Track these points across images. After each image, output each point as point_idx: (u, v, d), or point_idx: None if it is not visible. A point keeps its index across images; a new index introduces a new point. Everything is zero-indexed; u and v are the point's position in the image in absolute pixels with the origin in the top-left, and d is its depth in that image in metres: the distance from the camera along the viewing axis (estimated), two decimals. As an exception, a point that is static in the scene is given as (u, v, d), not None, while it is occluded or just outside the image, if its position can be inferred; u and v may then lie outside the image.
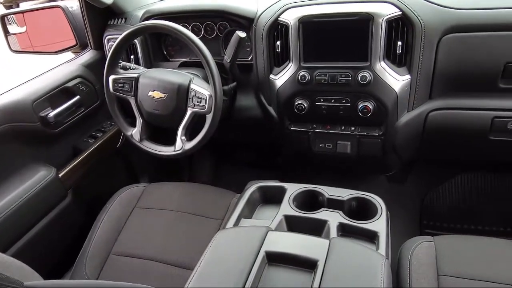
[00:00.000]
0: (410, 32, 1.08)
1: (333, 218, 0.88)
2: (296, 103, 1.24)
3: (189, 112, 1.14)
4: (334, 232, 0.84)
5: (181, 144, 1.17)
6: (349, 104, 1.19)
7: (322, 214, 0.90)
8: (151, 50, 1.43)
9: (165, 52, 1.48)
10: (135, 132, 1.25)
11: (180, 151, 1.18)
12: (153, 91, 1.15)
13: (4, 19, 1.50)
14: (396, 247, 0.96)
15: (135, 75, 1.20)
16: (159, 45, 1.46)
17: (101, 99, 1.46)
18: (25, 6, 2.51)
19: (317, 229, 0.87)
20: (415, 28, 1.07)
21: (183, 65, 1.40)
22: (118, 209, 1.24)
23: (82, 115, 1.41)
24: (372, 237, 0.85)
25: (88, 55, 1.50)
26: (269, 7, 1.22)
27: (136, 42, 1.39)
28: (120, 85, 1.21)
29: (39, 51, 1.58)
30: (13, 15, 1.53)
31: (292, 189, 0.98)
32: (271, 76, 1.26)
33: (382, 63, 1.11)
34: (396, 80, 1.12)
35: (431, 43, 1.07)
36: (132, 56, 1.42)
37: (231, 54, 1.19)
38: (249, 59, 1.34)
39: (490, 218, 1.57)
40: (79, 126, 1.43)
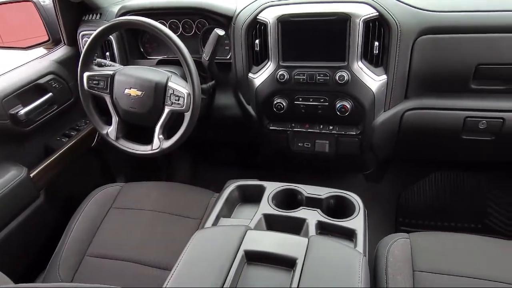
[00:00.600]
0: (386, 33, 1.10)
1: (312, 217, 0.88)
2: (275, 102, 1.24)
3: (166, 110, 1.12)
4: (312, 230, 0.85)
5: (159, 143, 1.15)
6: (327, 103, 1.20)
7: (301, 213, 0.90)
8: (127, 47, 1.40)
9: (142, 49, 1.45)
10: (110, 131, 1.22)
11: (158, 150, 1.16)
12: (130, 88, 1.13)
13: (-29, 13, 1.44)
14: (373, 244, 0.98)
15: (110, 72, 1.17)
16: (136, 42, 1.44)
17: (75, 96, 1.43)
18: (-6, -1, 2.41)
19: (296, 227, 0.87)
20: (391, 29, 1.09)
21: (161, 63, 1.38)
22: (93, 209, 1.21)
23: (55, 113, 1.37)
24: (350, 235, 0.86)
25: (61, 51, 1.46)
26: (248, 5, 1.22)
27: (111, 39, 1.35)
28: (95, 82, 1.18)
29: (9, 46, 1.52)
30: (-19, 9, 1.47)
31: (271, 187, 0.98)
32: (250, 75, 1.25)
33: (360, 63, 1.13)
34: (373, 80, 1.14)
35: (406, 44, 1.10)
36: (108, 53, 1.39)
37: (209, 52, 1.18)
38: (227, 57, 1.34)
39: (462, 215, 1.62)
40: (52, 124, 1.39)
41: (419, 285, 0.87)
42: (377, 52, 1.12)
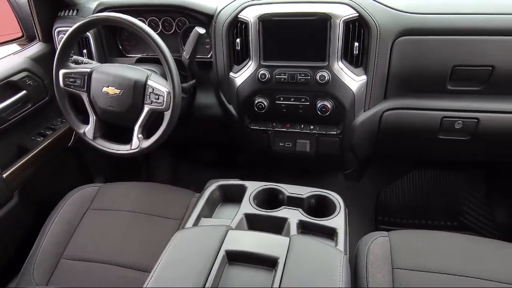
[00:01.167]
0: (366, 33, 1.12)
1: (293, 216, 0.88)
2: (256, 101, 1.23)
3: (146, 109, 1.11)
4: (294, 230, 0.85)
5: (138, 142, 1.13)
6: (308, 103, 1.21)
7: (282, 212, 0.90)
8: (105, 45, 1.37)
9: (120, 47, 1.42)
10: (88, 130, 1.19)
11: (137, 149, 1.14)
12: (108, 86, 1.11)
13: None
14: (354, 243, 0.99)
15: (87, 69, 1.14)
16: (114, 40, 1.41)
17: (50, 94, 1.38)
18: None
19: (278, 227, 0.87)
20: (370, 30, 1.10)
21: (140, 61, 1.36)
22: (70, 210, 1.18)
23: (29, 111, 1.32)
24: (331, 234, 0.86)
25: (35, 47, 1.42)
26: (228, 4, 1.21)
27: (89, 36, 1.33)
28: (71, 80, 1.15)
29: (-20, 42, 1.47)
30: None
31: (253, 187, 0.98)
32: (231, 74, 1.25)
33: (340, 63, 1.14)
34: (353, 80, 1.15)
35: (385, 45, 1.11)
36: (85, 50, 1.36)
37: (189, 50, 1.17)
38: (208, 56, 1.33)
39: (439, 213, 1.66)
40: (26, 123, 1.35)
41: (398, 282, 0.88)
42: (357, 52, 1.13)
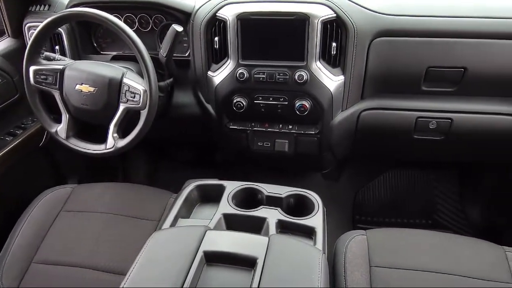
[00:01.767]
0: (343, 34, 1.13)
1: (272, 215, 0.88)
2: (235, 101, 1.23)
3: (121, 107, 1.08)
4: (273, 229, 0.85)
5: (113, 142, 1.11)
6: (287, 103, 1.21)
7: (261, 212, 0.90)
8: (79, 41, 1.33)
9: (95, 44, 1.39)
10: (60, 129, 1.16)
11: (112, 149, 1.12)
12: (81, 84, 1.08)
13: None
14: (332, 242, 0.99)
15: (60, 66, 1.11)
16: (89, 36, 1.37)
17: (20, 92, 1.33)
18: None
19: (256, 226, 0.87)
20: (348, 31, 1.11)
21: (115, 59, 1.33)
22: (41, 212, 1.14)
23: (-3, 110, 1.27)
24: (309, 233, 0.86)
25: (4, 43, 1.36)
26: (207, 1, 1.20)
27: (61, 31, 1.28)
28: (42, 77, 1.11)
29: None
30: None
31: (231, 187, 0.97)
32: (209, 73, 1.23)
33: (318, 63, 1.14)
34: (331, 80, 1.16)
35: (362, 45, 1.13)
36: (57, 47, 1.31)
37: (167, 48, 1.15)
38: (186, 54, 1.31)
39: (414, 211, 1.70)
40: (-6, 122, 1.29)
41: (375, 280, 0.90)
42: (334, 52, 1.14)
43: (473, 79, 1.12)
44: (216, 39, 1.18)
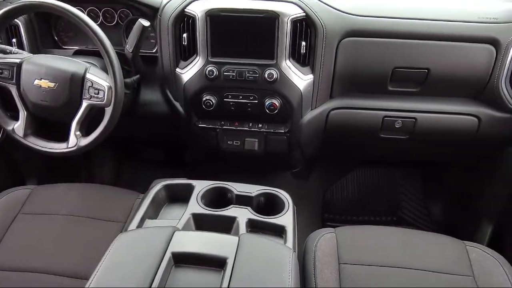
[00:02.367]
0: (313, 33, 1.13)
1: (242, 215, 0.88)
2: (204, 99, 1.21)
3: (84, 104, 1.04)
4: (243, 229, 0.84)
5: (76, 140, 1.07)
6: (256, 101, 1.20)
7: (231, 211, 0.89)
8: (38, 34, 1.27)
9: (56, 38, 1.33)
10: (17, 127, 1.10)
11: (74, 148, 1.07)
12: (41, 79, 1.03)
13: None
14: (302, 240, 1.00)
15: (17, 60, 1.06)
16: (49, 29, 1.31)
17: (-27, 87, 1.25)
18: None
19: (226, 226, 0.86)
20: (317, 30, 1.12)
21: (78, 54, 1.27)
22: (-4, 215, 1.07)
23: None
24: (280, 231, 0.86)
25: (-45, 35, 1.27)
26: (175, -4, 1.17)
27: (19, 23, 1.22)
28: (-2, 71, 1.04)
29: None
30: None
31: (200, 186, 0.96)
32: (178, 70, 1.21)
33: (288, 61, 1.14)
34: (300, 79, 1.17)
35: (331, 45, 1.14)
36: (14, 40, 1.24)
37: (133, 43, 1.12)
38: (153, 51, 1.28)
39: (380, 209, 1.74)
40: None
41: (344, 277, 0.91)
42: (304, 51, 1.15)
43: (436, 80, 1.16)
44: (185, 35, 1.15)
